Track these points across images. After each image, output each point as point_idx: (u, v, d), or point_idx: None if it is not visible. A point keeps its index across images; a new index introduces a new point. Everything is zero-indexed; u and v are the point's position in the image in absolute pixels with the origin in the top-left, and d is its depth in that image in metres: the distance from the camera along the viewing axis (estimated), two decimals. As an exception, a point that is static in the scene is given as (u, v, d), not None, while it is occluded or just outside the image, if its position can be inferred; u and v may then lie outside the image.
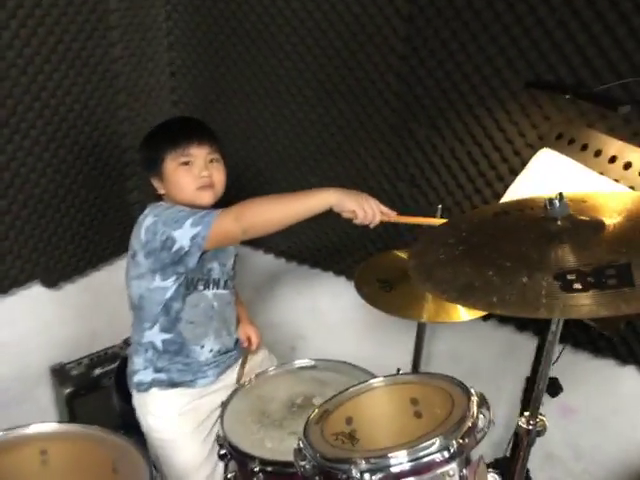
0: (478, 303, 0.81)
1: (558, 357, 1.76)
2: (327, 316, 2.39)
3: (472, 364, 2.01)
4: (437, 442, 0.87)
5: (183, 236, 1.34)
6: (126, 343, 2.35)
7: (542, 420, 1.11)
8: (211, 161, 1.50)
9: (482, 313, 1.43)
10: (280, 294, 2.50)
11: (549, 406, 1.94)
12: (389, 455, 0.88)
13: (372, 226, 1.39)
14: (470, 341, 2.05)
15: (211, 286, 1.55)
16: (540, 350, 1.56)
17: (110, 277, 2.33)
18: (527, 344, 1.91)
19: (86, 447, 1.30)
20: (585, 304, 0.74)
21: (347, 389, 1.14)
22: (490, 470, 0.99)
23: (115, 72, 2.08)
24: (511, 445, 1.73)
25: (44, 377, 2.18)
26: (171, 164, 1.46)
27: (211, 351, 1.59)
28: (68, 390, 2.06)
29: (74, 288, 2.22)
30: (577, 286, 0.76)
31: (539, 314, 0.74)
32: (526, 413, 1.12)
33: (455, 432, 0.89)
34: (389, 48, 1.80)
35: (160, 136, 1.49)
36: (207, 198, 1.47)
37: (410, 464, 0.87)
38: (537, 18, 1.53)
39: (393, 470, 0.86)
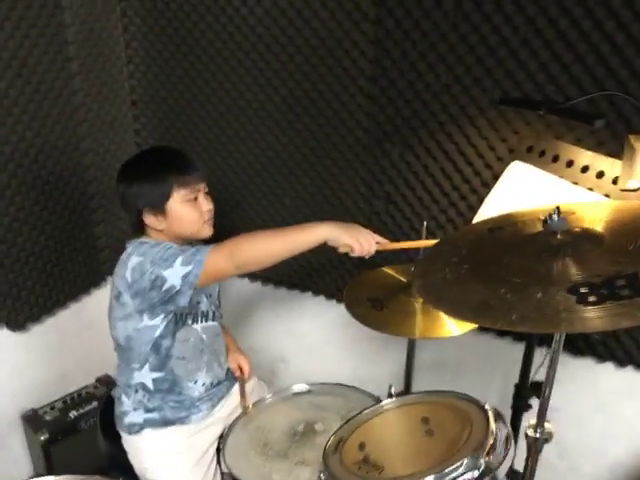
0: (498, 321, 0.83)
1: (543, 361, 1.82)
2: (307, 337, 2.38)
3: (455, 372, 2.05)
4: (465, 462, 0.88)
5: (174, 275, 1.31)
6: (99, 382, 2.26)
7: (549, 428, 1.13)
8: (206, 194, 1.49)
9: (472, 326, 1.45)
10: (257, 318, 2.47)
11: (533, 405, 2.01)
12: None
13: (368, 257, 1.40)
14: (452, 349, 2.08)
15: (200, 320, 1.52)
16: (527, 357, 1.60)
17: (79, 315, 2.24)
18: (508, 349, 1.96)
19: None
20: (603, 316, 0.76)
21: (359, 413, 1.13)
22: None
23: (76, 104, 2.02)
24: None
25: (15, 425, 2.06)
26: (177, 200, 1.42)
27: (204, 385, 1.55)
28: (43, 437, 1.96)
29: (41, 329, 2.11)
30: (592, 299, 0.79)
31: (562, 329, 0.76)
32: (532, 422, 1.14)
33: (480, 450, 0.90)
34: (358, 70, 1.82)
35: (166, 172, 1.42)
36: (210, 231, 1.48)
37: (442, 487, 0.87)
38: (502, 38, 1.59)
39: (426, 495, 0.87)
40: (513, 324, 0.80)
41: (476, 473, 0.87)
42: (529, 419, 1.19)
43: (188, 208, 1.44)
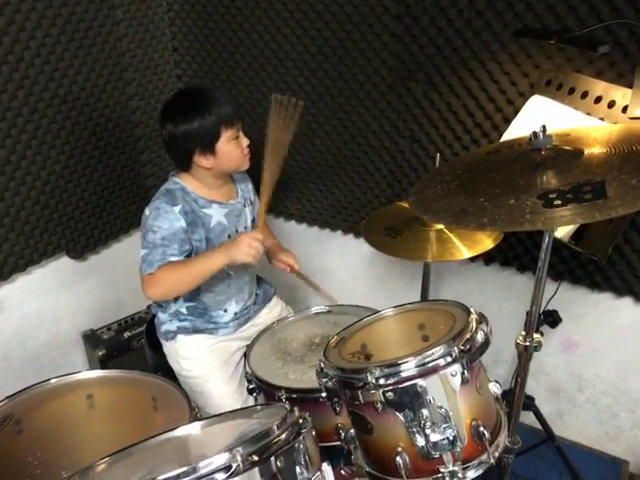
0: (470, 224, 0.92)
1: (555, 292, 1.88)
2: (337, 273, 2.51)
3: (478, 306, 2.12)
4: (440, 349, 0.99)
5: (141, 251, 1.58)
6: (150, 308, 2.49)
7: (538, 337, 1.22)
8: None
9: (482, 250, 1.53)
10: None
11: (553, 341, 2.08)
12: (399, 362, 1.00)
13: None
14: (474, 285, 2.17)
15: None
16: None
17: (130, 247, 2.45)
18: (527, 284, 2.02)
19: (128, 390, 1.45)
20: (564, 215, 0.84)
21: (361, 319, 1.26)
22: (491, 379, 1.11)
23: (121, 50, 2.17)
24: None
25: (77, 343, 2.33)
26: (225, 140, 1.56)
27: (235, 313, 1.73)
28: (101, 352, 2.21)
29: (97, 259, 2.35)
30: (557, 202, 0.87)
31: (524, 227, 0.85)
32: (523, 332, 1.23)
33: (456, 340, 1.01)
34: (383, 8, 1.87)
35: (214, 114, 1.53)
36: (248, 164, 1.65)
37: (418, 369, 0.99)
38: (523, -31, 1.60)
39: (404, 375, 0.99)
40: (483, 225, 0.89)
41: (449, 359, 0.98)
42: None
43: (233, 146, 1.58)
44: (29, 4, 1.84)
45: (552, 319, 1.74)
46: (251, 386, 1.43)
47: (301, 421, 0.88)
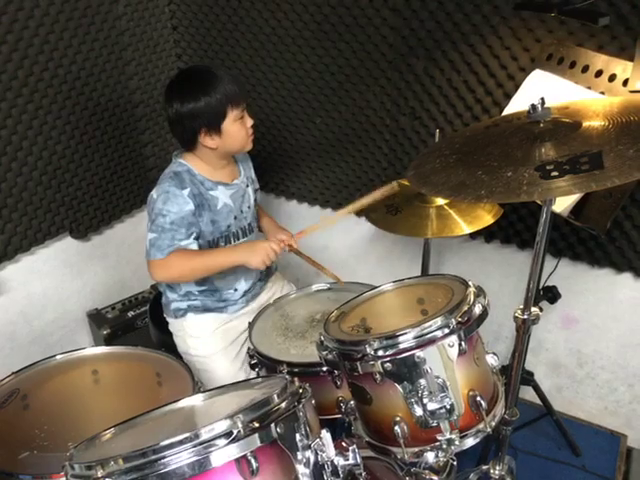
0: (468, 197, 0.92)
1: (555, 267, 1.89)
2: (339, 253, 2.52)
3: (479, 283, 2.13)
4: (438, 321, 1.01)
5: (148, 236, 1.59)
6: (153, 288, 2.51)
7: (536, 311, 1.23)
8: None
9: (481, 226, 1.54)
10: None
11: (553, 317, 2.09)
12: (398, 333, 1.02)
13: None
14: (475, 262, 2.18)
15: (232, 240, 1.68)
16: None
17: (132, 227, 2.47)
18: (528, 261, 2.01)
19: (132, 365, 1.47)
20: (561, 186, 0.85)
21: (361, 294, 1.28)
22: (489, 351, 1.13)
23: (120, 28, 2.16)
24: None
25: (82, 322, 2.36)
26: (230, 119, 1.55)
27: (244, 292, 1.76)
28: (106, 331, 2.24)
29: (101, 239, 2.37)
30: (554, 174, 0.87)
31: (521, 198, 0.85)
32: (521, 306, 1.24)
33: (454, 312, 1.02)
34: (383, -18, 1.85)
35: (220, 93, 1.52)
36: (251, 145, 1.65)
37: (416, 340, 1.01)
38: (524, -59, 1.58)
39: (402, 346, 1.01)
40: (480, 197, 0.90)
41: (446, 330, 1.00)
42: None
43: (238, 126, 1.57)
44: (26, -17, 1.83)
45: (552, 295, 1.75)
46: (253, 361, 1.45)
47: (301, 391, 0.90)
